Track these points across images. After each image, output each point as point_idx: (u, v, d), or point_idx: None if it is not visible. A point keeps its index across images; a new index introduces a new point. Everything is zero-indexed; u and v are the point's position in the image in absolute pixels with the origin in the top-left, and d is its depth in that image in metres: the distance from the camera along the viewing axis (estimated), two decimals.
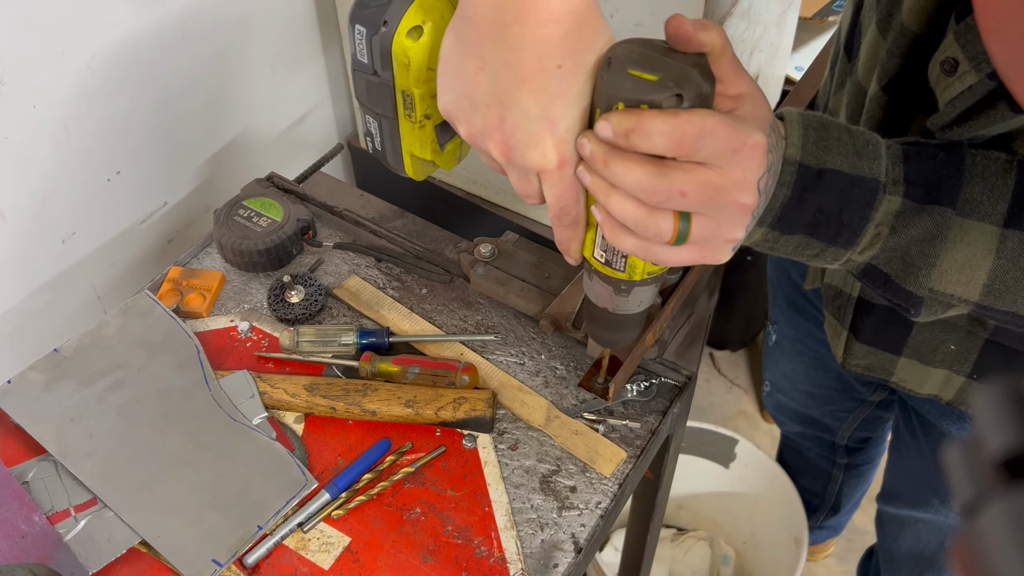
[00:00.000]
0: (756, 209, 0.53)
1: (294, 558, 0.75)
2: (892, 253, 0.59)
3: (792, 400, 1.34)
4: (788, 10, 1.30)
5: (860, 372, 0.93)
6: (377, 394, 0.82)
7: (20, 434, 0.81)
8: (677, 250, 0.53)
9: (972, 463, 0.27)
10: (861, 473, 1.50)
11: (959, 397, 0.87)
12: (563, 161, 0.52)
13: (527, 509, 0.78)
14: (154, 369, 0.85)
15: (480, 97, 0.52)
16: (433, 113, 0.63)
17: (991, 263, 0.58)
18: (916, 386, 0.89)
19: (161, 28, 1.00)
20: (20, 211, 0.95)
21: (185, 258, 0.98)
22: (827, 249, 0.59)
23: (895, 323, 0.85)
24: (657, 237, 0.51)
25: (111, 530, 0.75)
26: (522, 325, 0.92)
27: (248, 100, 1.18)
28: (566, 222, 0.56)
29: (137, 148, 1.05)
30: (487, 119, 0.53)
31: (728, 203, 0.51)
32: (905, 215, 0.57)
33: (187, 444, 0.80)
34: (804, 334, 1.15)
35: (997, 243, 0.57)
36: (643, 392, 0.86)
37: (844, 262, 0.60)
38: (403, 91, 0.61)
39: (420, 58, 0.59)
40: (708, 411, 2.03)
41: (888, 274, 0.60)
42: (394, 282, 0.96)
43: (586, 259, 0.60)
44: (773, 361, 1.31)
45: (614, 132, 0.48)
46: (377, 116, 0.64)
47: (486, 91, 0.52)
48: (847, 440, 1.38)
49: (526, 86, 0.50)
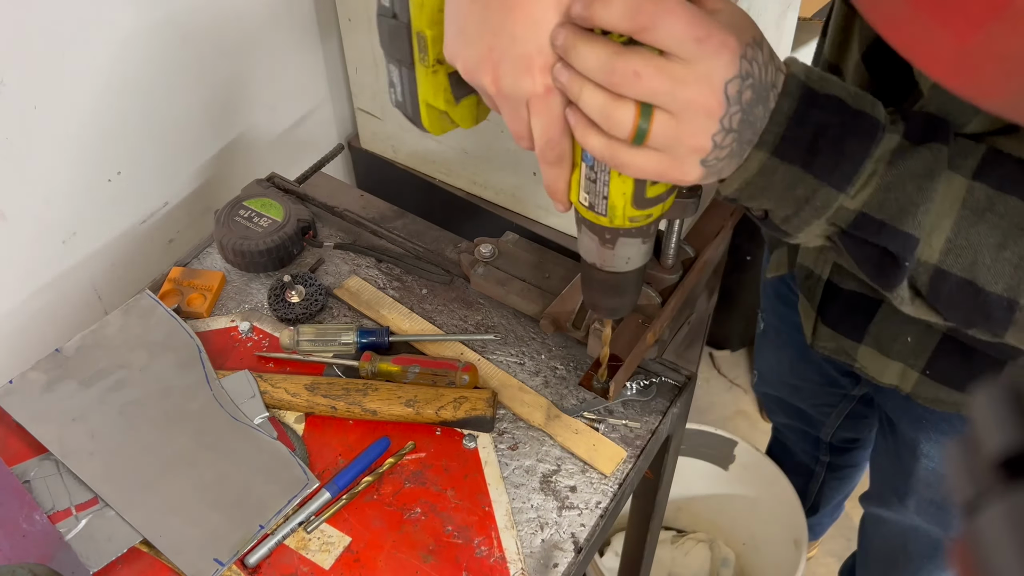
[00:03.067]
0: (724, 117, 0.52)
1: (294, 558, 0.75)
2: (887, 194, 0.57)
3: (778, 391, 1.35)
4: (788, 10, 1.31)
5: (827, 355, 0.94)
6: (378, 393, 0.83)
7: (22, 433, 0.81)
8: (640, 153, 0.52)
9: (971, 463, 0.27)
10: (844, 476, 1.50)
11: (916, 390, 0.88)
12: (550, 86, 0.52)
13: (527, 509, 0.78)
14: (155, 369, 0.85)
15: (473, 28, 0.53)
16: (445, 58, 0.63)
17: (956, 213, 0.57)
18: (877, 374, 0.90)
19: (161, 28, 1.00)
20: (21, 211, 0.95)
21: (186, 258, 0.98)
22: (820, 189, 0.57)
23: (858, 310, 0.87)
24: (617, 127, 0.51)
25: (112, 529, 0.75)
26: (522, 325, 0.92)
27: (248, 100, 1.18)
28: (551, 157, 0.56)
29: (137, 148, 1.05)
30: (479, 50, 0.53)
31: (689, 100, 0.50)
32: (903, 150, 0.57)
33: (188, 444, 0.80)
34: (788, 324, 1.16)
35: (964, 193, 0.57)
36: (643, 392, 0.86)
37: (834, 212, 0.58)
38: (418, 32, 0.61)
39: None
40: (708, 411, 2.03)
41: (882, 220, 0.58)
42: (394, 282, 0.96)
43: (574, 206, 0.60)
44: (761, 350, 1.33)
45: (581, 4, 0.49)
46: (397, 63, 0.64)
47: (477, 21, 0.52)
48: (831, 438, 1.38)
49: (514, 12, 0.51)
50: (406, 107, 0.67)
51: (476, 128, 0.67)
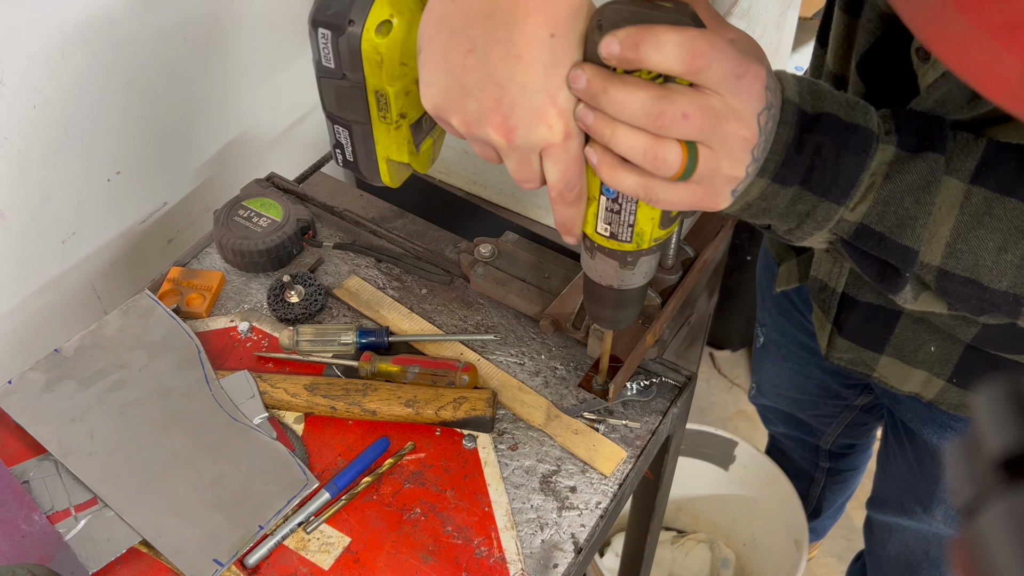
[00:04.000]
0: (755, 147, 0.52)
1: (294, 558, 0.75)
2: (885, 207, 0.57)
3: (777, 403, 1.34)
4: (788, 10, 1.31)
5: (843, 366, 0.93)
6: (377, 394, 0.82)
7: (21, 434, 0.81)
8: (678, 188, 0.51)
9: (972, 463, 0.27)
10: (844, 479, 1.50)
11: (940, 398, 0.87)
12: (568, 132, 0.51)
13: (527, 509, 0.78)
14: (155, 369, 0.85)
15: (472, 81, 0.51)
16: (409, 111, 0.61)
17: (954, 219, 0.57)
18: (898, 383, 0.89)
19: (161, 28, 1.00)
20: (20, 211, 0.95)
21: (185, 258, 0.98)
22: (820, 204, 0.57)
23: (878, 320, 0.85)
24: (665, 167, 0.50)
25: (111, 530, 0.75)
26: (522, 325, 0.92)
27: (248, 100, 1.18)
28: (570, 199, 0.55)
29: (137, 148, 1.05)
30: (482, 103, 0.51)
31: (729, 134, 0.50)
32: (899, 163, 0.57)
33: (188, 444, 0.80)
34: (789, 339, 1.15)
35: (962, 198, 0.57)
36: (643, 392, 0.86)
37: (835, 224, 0.58)
38: (376, 91, 0.59)
39: (392, 54, 0.57)
40: (708, 411, 2.03)
41: (882, 232, 0.58)
42: (394, 282, 0.96)
43: (588, 237, 0.59)
44: (760, 363, 1.32)
45: (622, 45, 0.47)
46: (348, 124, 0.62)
47: (477, 74, 0.50)
48: (831, 445, 1.38)
49: (522, 60, 0.49)
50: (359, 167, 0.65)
51: None
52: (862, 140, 0.56)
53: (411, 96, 0.61)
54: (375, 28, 0.57)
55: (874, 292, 0.84)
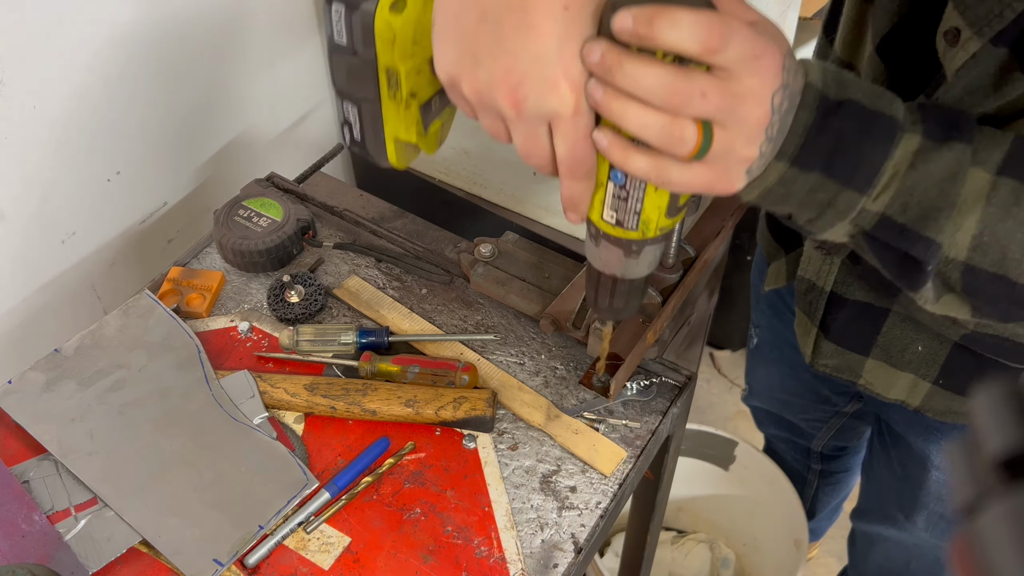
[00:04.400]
0: (769, 127, 0.51)
1: (294, 558, 0.75)
2: (909, 197, 0.56)
3: (768, 405, 1.34)
4: (788, 10, 1.31)
5: (828, 373, 0.92)
6: (377, 394, 0.82)
7: (21, 434, 0.81)
8: (692, 168, 0.51)
9: (972, 463, 0.27)
10: (837, 481, 1.50)
11: (926, 403, 0.86)
12: (579, 106, 0.51)
13: (527, 509, 0.78)
14: (155, 369, 0.85)
15: (484, 50, 0.50)
16: (419, 91, 0.60)
17: (980, 210, 0.56)
18: (883, 390, 0.88)
19: (161, 28, 1.00)
20: (20, 211, 0.95)
21: (185, 258, 0.98)
22: (841, 193, 0.56)
23: (866, 319, 0.85)
24: (681, 145, 0.49)
25: (111, 530, 0.75)
26: (522, 325, 0.92)
27: (248, 100, 1.18)
28: (580, 174, 0.54)
29: (137, 148, 1.05)
30: (492, 72, 0.51)
31: (745, 113, 0.49)
32: (925, 152, 0.56)
33: (188, 444, 0.80)
34: (781, 340, 1.15)
35: (989, 189, 0.56)
36: (643, 392, 0.86)
37: (856, 214, 0.57)
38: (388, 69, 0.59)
39: (406, 31, 0.56)
40: (708, 411, 2.03)
41: (904, 224, 0.57)
42: (394, 282, 0.96)
43: (593, 223, 0.59)
44: (753, 364, 1.32)
45: (635, 20, 0.46)
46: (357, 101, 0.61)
47: (489, 42, 0.50)
48: (823, 448, 1.37)
49: (534, 30, 0.49)
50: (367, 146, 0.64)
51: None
52: (887, 128, 0.55)
53: (422, 75, 0.61)
54: (389, 5, 0.56)
55: (863, 290, 0.84)
